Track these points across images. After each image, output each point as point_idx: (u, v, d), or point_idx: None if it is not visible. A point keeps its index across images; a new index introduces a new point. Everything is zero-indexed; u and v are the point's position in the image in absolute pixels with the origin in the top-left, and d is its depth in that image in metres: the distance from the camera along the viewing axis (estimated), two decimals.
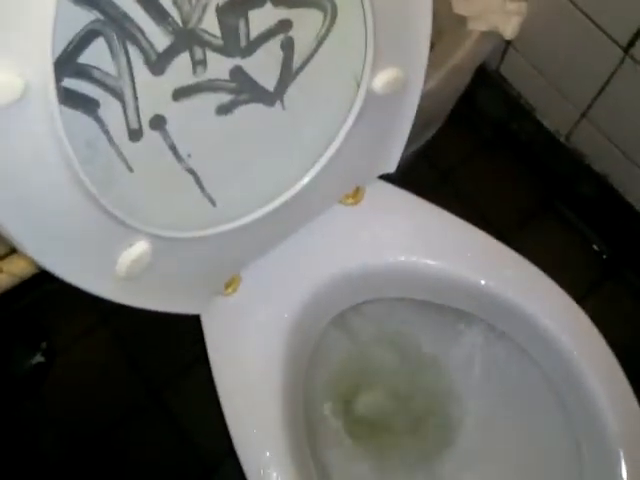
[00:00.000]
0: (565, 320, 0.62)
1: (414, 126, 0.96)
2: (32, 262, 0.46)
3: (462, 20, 0.89)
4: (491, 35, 0.90)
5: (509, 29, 0.91)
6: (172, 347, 1.03)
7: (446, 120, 1.05)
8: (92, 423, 0.99)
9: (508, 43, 0.98)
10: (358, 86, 0.55)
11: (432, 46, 0.94)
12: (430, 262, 0.63)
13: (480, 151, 1.11)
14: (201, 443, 0.97)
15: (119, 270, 0.49)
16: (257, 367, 0.61)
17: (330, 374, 0.74)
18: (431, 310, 0.69)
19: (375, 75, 0.54)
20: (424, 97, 0.87)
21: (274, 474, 0.57)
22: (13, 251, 0.84)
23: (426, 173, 1.08)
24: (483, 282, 0.62)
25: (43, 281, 1.03)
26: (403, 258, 0.64)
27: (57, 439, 0.99)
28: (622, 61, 0.80)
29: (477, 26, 0.88)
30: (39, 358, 1.02)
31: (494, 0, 0.89)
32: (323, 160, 0.56)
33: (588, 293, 1.03)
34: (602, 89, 0.87)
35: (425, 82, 0.85)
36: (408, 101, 0.60)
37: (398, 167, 1.07)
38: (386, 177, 0.72)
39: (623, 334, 1.00)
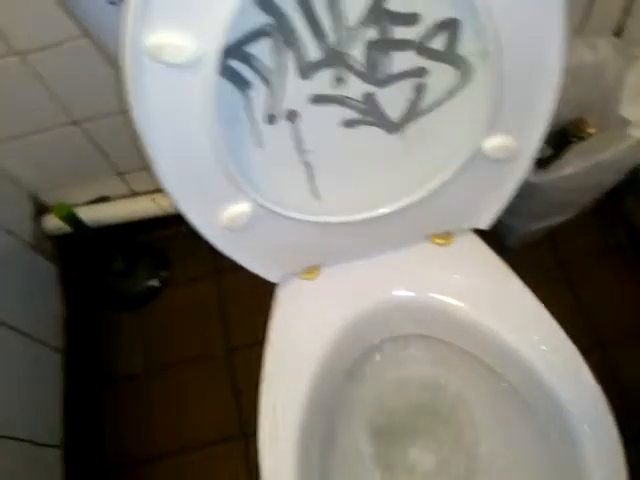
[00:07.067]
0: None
1: (543, 204, 0.98)
2: None
3: (625, 122, 0.90)
4: None
5: None
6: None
7: (584, 212, 1.06)
8: (173, 352, 1.13)
9: None
10: (471, 142, 0.61)
11: (585, 137, 0.96)
12: (481, 321, 0.68)
13: (607, 252, 1.09)
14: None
15: (221, 219, 0.61)
16: (301, 350, 0.69)
17: (370, 398, 0.79)
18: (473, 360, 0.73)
19: (489, 137, 0.59)
20: (558, 180, 0.90)
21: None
22: None
23: (543, 254, 1.08)
24: (523, 354, 0.66)
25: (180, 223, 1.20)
26: (456, 308, 0.69)
27: (137, 355, 1.14)
28: None
29: (638, 133, 0.89)
30: (155, 282, 1.19)
31: None
32: (422, 191, 0.63)
33: None
34: None
35: (563, 167, 0.89)
36: (514, 170, 0.64)
37: (518, 239, 1.08)
38: (501, 246, 0.74)
39: None
